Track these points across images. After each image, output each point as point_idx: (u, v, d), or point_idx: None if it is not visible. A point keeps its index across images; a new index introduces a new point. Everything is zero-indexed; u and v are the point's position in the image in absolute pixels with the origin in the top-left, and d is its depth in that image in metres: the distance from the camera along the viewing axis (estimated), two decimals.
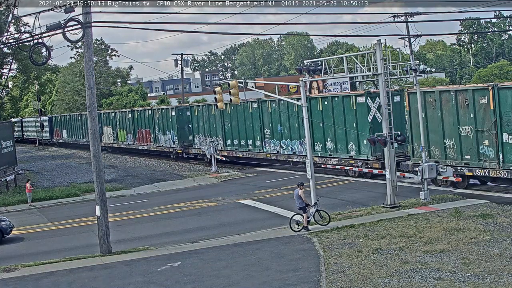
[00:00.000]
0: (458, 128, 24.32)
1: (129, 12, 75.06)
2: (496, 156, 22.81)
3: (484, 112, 23.06)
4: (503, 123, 22.46)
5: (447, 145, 24.92)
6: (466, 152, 23.96)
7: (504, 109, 22.32)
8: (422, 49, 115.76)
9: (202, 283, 14.63)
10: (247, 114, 37.08)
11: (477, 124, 23.45)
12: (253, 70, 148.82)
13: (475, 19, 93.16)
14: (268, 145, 35.79)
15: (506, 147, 22.45)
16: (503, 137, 22.56)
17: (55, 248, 20.53)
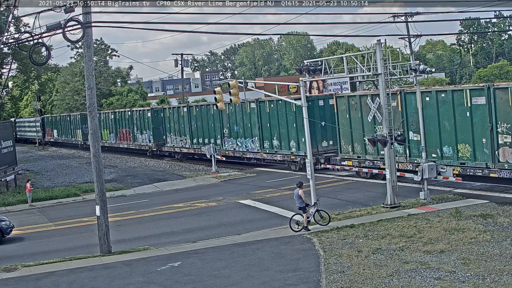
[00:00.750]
0: (374, 127, 27.55)
1: (129, 12, 74.90)
2: (404, 151, 26.38)
3: (394, 113, 25.05)
4: (409, 123, 26.07)
5: (367, 142, 27.61)
6: (381, 148, 25.48)
7: (409, 111, 25.93)
8: (422, 49, 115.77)
9: (202, 283, 14.63)
10: (209, 116, 40.62)
11: (392, 123, 24.35)
12: (253, 70, 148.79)
13: (475, 19, 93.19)
14: (227, 143, 39.13)
15: (411, 144, 26.06)
16: (409, 135, 26.14)
17: (55, 248, 20.53)
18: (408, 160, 26.32)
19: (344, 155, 29.74)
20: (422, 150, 23.58)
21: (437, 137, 25.11)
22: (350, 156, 29.51)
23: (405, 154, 26.32)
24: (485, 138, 22.97)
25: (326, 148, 32.49)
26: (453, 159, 24.59)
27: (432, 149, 25.17)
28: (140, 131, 49.25)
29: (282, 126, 33.98)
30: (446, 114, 24.47)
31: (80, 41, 18.96)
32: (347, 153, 29.63)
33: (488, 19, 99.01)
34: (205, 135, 41.16)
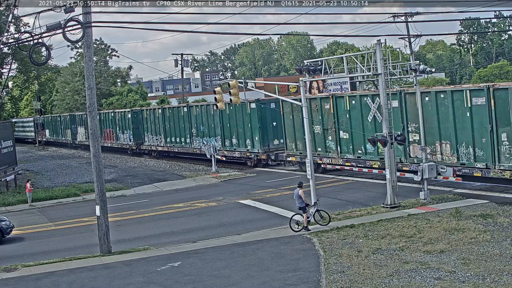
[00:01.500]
0: (312, 127, 30.85)
1: (129, 12, 74.92)
2: (336, 148, 30.23)
3: (328, 115, 30.35)
4: (340, 123, 29.62)
5: (305, 142, 28.11)
6: (318, 145, 31.16)
7: (340, 113, 29.68)
8: (422, 49, 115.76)
9: (202, 283, 14.63)
10: (180, 117, 44.12)
11: (324, 124, 30.82)
12: (253, 70, 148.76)
13: (475, 19, 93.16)
14: (194, 142, 42.69)
15: (342, 141, 30.00)
16: (340, 134, 29.91)
17: (55, 248, 20.53)
18: (339, 156, 30.14)
19: (289, 151, 33.82)
20: (422, 150, 23.58)
21: (361, 136, 28.22)
22: (294, 152, 33.38)
23: (337, 151, 30.32)
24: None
25: (277, 146, 36.08)
26: (374, 155, 28.00)
27: (357, 146, 29.03)
28: (122, 131, 52.47)
29: (240, 126, 37.51)
30: (366, 114, 27.93)
31: (80, 41, 18.95)
32: (292, 150, 33.62)
33: (488, 19, 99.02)
34: (177, 134, 44.69)
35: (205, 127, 41.24)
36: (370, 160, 28.03)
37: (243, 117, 37.02)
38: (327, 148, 30.79)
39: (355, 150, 28.99)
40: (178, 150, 45.68)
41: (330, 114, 30.15)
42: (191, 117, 42.67)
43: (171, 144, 45.81)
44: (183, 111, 43.74)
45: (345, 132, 29.44)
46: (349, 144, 29.44)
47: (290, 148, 33.54)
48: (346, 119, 29.18)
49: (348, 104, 28.97)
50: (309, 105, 30.49)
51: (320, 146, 31.12)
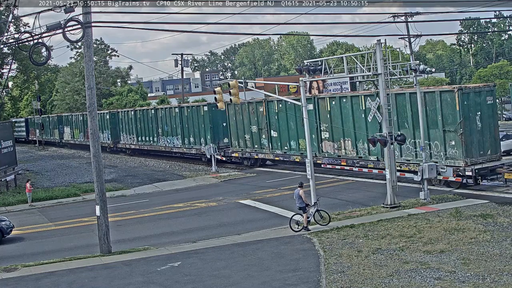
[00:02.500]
0: (250, 127, 36.58)
1: (128, 12, 74.95)
2: (268, 145, 35.34)
3: (262, 116, 35.48)
4: (271, 124, 34.80)
5: (246, 139, 37.11)
6: (255, 143, 36.38)
7: (271, 115, 34.75)
8: (422, 49, 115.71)
9: (202, 283, 14.63)
10: (149, 118, 48.67)
11: (259, 124, 35.87)
12: (253, 70, 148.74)
13: (475, 19, 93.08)
14: (160, 140, 47.07)
15: (272, 139, 35.02)
16: (271, 133, 34.95)
17: (55, 248, 20.53)
18: (271, 152, 35.45)
19: (234, 148, 38.63)
20: (422, 150, 23.58)
21: (286, 134, 33.76)
22: (237, 149, 38.37)
23: (269, 147, 35.32)
24: (314, 134, 30.81)
25: (226, 143, 40.03)
26: (296, 150, 33.32)
27: (284, 143, 34.00)
28: (102, 131, 55.89)
29: (196, 127, 41.88)
30: (291, 118, 33.14)
31: (80, 41, 18.95)
32: (235, 147, 38.51)
33: (488, 19, 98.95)
34: (146, 133, 49.24)
35: (168, 127, 45.59)
36: (293, 155, 33.61)
37: (198, 119, 41.37)
38: (262, 145, 36.08)
39: (283, 146, 34.47)
40: (147, 148, 50.20)
41: (263, 116, 35.37)
42: (158, 118, 47.15)
43: (142, 143, 50.43)
44: (151, 113, 48.32)
45: (275, 131, 34.72)
46: (278, 142, 34.76)
47: (234, 145, 38.61)
48: (275, 120, 34.50)
49: (277, 107, 34.04)
50: (248, 108, 36.47)
51: (257, 143, 36.44)
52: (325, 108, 30.36)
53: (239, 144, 38.01)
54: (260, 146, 36.06)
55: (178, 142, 44.20)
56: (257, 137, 36.27)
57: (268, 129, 35.09)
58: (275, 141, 34.83)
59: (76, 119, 63.99)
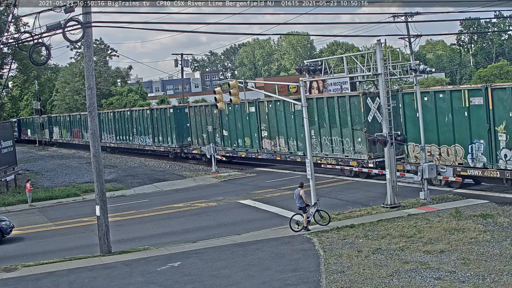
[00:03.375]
0: (207, 127, 41.29)
1: (128, 12, 75.01)
2: (221, 142, 39.59)
3: (215, 118, 40.03)
4: (223, 124, 39.31)
5: (204, 137, 41.84)
6: (210, 141, 40.31)
7: (223, 116, 39.19)
8: (422, 49, 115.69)
9: (202, 283, 14.63)
10: (125, 119, 52.64)
11: (213, 124, 40.46)
12: (253, 70, 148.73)
13: (475, 19, 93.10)
14: (135, 139, 51.30)
15: (224, 138, 39.41)
16: (223, 132, 39.34)
17: (55, 248, 20.53)
18: (223, 149, 39.39)
19: (194, 146, 43.02)
20: (422, 150, 23.59)
21: (235, 133, 38.25)
22: (196, 147, 42.52)
23: (221, 144, 39.50)
24: (256, 133, 36.19)
25: (189, 142, 44.07)
26: (242, 147, 37.78)
27: (233, 141, 38.45)
28: (86, 130, 58.36)
29: (163, 127, 46.17)
30: (239, 118, 37.69)
31: (80, 41, 18.95)
32: (195, 145, 42.84)
33: (488, 19, 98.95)
34: (123, 133, 53.08)
35: (141, 128, 50.03)
36: (240, 152, 38.30)
37: (165, 120, 45.71)
38: (216, 143, 39.70)
39: (232, 144, 38.85)
40: (124, 146, 54.24)
41: (217, 117, 39.87)
42: (133, 119, 51.41)
43: (120, 141, 54.51)
44: (127, 115, 52.52)
45: (226, 130, 39.05)
46: (228, 140, 39.16)
47: (194, 143, 43.08)
48: (226, 121, 38.92)
49: (228, 110, 38.24)
50: (205, 110, 41.46)
51: (212, 141, 40.24)
52: (264, 110, 35.47)
53: (198, 142, 42.47)
54: (214, 144, 39.65)
55: (150, 140, 48.76)
56: (212, 136, 40.73)
57: (221, 129, 39.61)
58: (226, 139, 39.36)
59: (64, 119, 69.26)
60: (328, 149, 30.88)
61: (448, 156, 24.95)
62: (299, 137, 32.57)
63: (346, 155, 29.78)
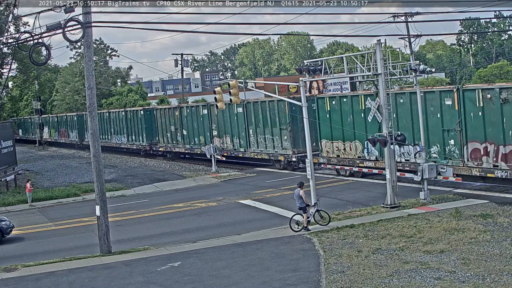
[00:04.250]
0: (170, 127, 46.26)
1: (128, 12, 75.03)
2: (182, 141, 44.85)
3: (177, 119, 44.99)
4: (183, 125, 44.32)
5: (168, 136, 46.84)
6: (173, 140, 45.96)
7: (183, 118, 44.24)
8: (422, 49, 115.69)
9: (202, 283, 14.63)
10: (104, 119, 57.46)
11: (176, 124, 45.38)
12: (253, 70, 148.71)
13: (475, 19, 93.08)
14: (113, 138, 56.71)
15: (185, 137, 44.49)
16: (183, 132, 44.49)
17: (55, 248, 20.53)
18: (183, 146, 44.76)
19: (160, 144, 48.27)
20: (422, 150, 23.58)
21: (192, 132, 43.50)
22: (162, 145, 47.97)
23: (182, 142, 44.70)
24: (208, 132, 41.64)
25: (157, 141, 48.97)
26: (198, 145, 42.72)
27: (191, 140, 43.54)
28: (71, 130, 67.34)
29: (136, 127, 51.14)
30: (195, 120, 42.86)
31: (80, 41, 18.94)
32: (161, 143, 48.17)
33: (488, 19, 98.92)
34: (104, 132, 57.53)
35: (118, 127, 55.23)
36: (196, 149, 43.29)
37: (137, 121, 50.73)
38: (178, 141, 45.27)
39: (190, 142, 43.98)
40: (104, 145, 56.62)
41: (178, 118, 44.84)
42: (110, 120, 56.47)
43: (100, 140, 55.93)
44: (105, 116, 57.58)
45: (185, 130, 44.07)
46: (187, 138, 44.10)
47: (161, 142, 48.18)
48: (185, 122, 44.03)
49: (186, 112, 43.96)
50: (169, 112, 46.25)
51: (175, 140, 45.74)
52: (214, 112, 40.67)
53: (164, 141, 47.68)
54: (176, 142, 45.43)
55: (124, 139, 53.96)
56: (174, 135, 45.79)
57: (181, 129, 44.57)
58: (186, 138, 44.33)
59: (52, 120, 75.10)
60: (262, 146, 36.34)
61: (351, 151, 29.92)
62: (240, 135, 38.15)
63: (275, 150, 35.18)
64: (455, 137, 24.42)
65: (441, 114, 24.86)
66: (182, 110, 44.55)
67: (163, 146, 47.69)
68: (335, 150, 30.69)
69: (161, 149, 48.14)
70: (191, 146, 43.64)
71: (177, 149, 46.00)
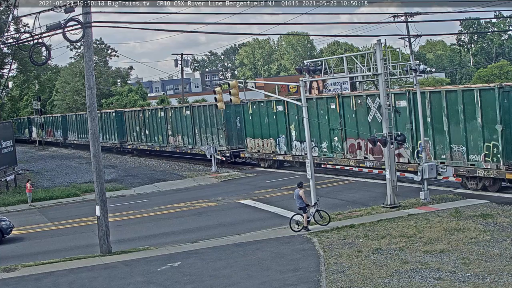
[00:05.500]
0: (136, 127, 51.51)
1: (127, 12, 74.95)
2: (145, 139, 49.86)
3: (141, 120, 50.23)
4: (146, 125, 49.54)
5: (134, 135, 51.99)
6: (138, 139, 51.08)
7: (146, 119, 49.72)
8: (422, 49, 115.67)
9: (202, 283, 14.63)
10: (84, 120, 60.59)
11: (140, 125, 50.22)
12: (253, 70, 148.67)
13: (475, 19, 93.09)
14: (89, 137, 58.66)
15: (147, 135, 49.52)
16: (146, 131, 49.49)
17: (55, 248, 20.53)
18: (146, 144, 50.17)
19: (128, 143, 53.50)
20: (422, 150, 23.59)
21: (153, 131, 48.75)
22: (130, 143, 53.02)
23: (145, 141, 50.24)
24: (165, 132, 46.81)
25: (126, 139, 54.00)
26: (157, 143, 48.24)
27: (152, 138, 48.53)
28: (56, 130, 73.45)
29: (109, 127, 56.62)
30: (155, 121, 48.16)
31: (80, 41, 18.94)
32: (129, 142, 53.30)
33: (488, 19, 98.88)
34: (82, 132, 63.51)
35: (105, 127, 58.55)
36: (156, 146, 48.70)
37: (110, 122, 56.12)
38: (142, 140, 50.59)
39: (152, 140, 49.26)
40: (82, 143, 63.95)
41: (141, 119, 50.33)
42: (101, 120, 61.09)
43: (79, 139, 65.33)
44: (85, 117, 59.06)
45: (148, 130, 49.48)
46: (149, 137, 49.58)
47: (129, 140, 53.39)
48: (148, 122, 49.26)
49: (148, 114, 49.44)
50: (134, 114, 51.50)
51: (139, 139, 50.94)
52: (169, 114, 46.24)
53: (131, 139, 53.01)
54: (141, 140, 50.70)
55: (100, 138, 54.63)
56: (139, 134, 51.06)
57: (144, 129, 49.93)
58: (148, 137, 49.60)
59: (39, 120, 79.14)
60: (205, 143, 41.28)
61: (268, 147, 36.05)
62: (189, 134, 43.69)
63: (215, 147, 39.41)
64: (338, 134, 30.36)
65: (328, 116, 30.80)
66: (145, 113, 50.14)
67: (131, 144, 53.03)
68: (256, 146, 37.31)
69: (129, 146, 53.67)
70: (152, 144, 49.34)
71: (141, 147, 51.37)
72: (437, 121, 24.87)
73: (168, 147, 46.79)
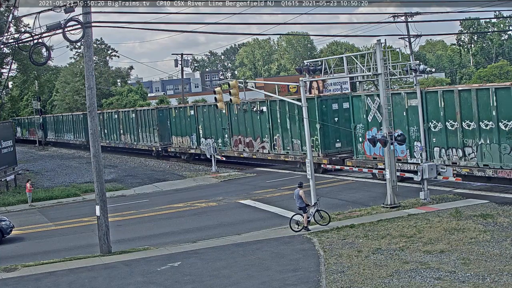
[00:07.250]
0: (120, 129, 54.39)
1: (127, 12, 74.96)
2: (122, 139, 54.25)
3: (115, 121, 54.90)
4: (104, 126, 56.10)
5: (117, 135, 55.03)
6: (118, 139, 55.11)
7: (122, 120, 53.75)
8: (422, 49, 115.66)
9: (202, 283, 14.63)
10: (59, 121, 71.22)
11: (100, 125, 51.18)
12: (253, 70, 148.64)
13: (475, 19, 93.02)
14: (65, 136, 68.54)
15: (121, 135, 54.11)
16: (105, 131, 56.21)
17: (55, 248, 20.53)
18: (122, 143, 54.48)
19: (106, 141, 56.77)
20: (422, 150, 23.60)
21: (109, 131, 55.70)
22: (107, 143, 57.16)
23: (105, 138, 55.79)
24: (118, 131, 53.86)
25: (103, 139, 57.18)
26: (113, 140, 54.59)
27: (127, 137, 52.83)
28: (38, 129, 78.00)
29: (79, 127, 63.00)
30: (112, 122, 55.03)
31: (80, 41, 18.94)
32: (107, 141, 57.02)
33: (488, 19, 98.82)
34: (59, 131, 71.00)
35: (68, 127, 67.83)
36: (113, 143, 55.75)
37: (80, 122, 62.15)
38: (119, 139, 54.77)
39: (110, 138, 55.96)
40: (59, 141, 72.03)
41: (117, 121, 54.77)
42: (64, 121, 69.19)
43: (57, 138, 72.43)
44: (60, 117, 70.98)
45: (106, 129, 56.10)
46: (107, 135, 56.16)
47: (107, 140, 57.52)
48: (123, 124, 53.33)
49: (106, 116, 56.27)
50: (118, 116, 54.78)
51: (119, 139, 55.01)
52: (121, 116, 53.51)
53: (110, 137, 57.68)
54: (119, 140, 55.13)
55: (72, 136, 67.23)
56: (118, 135, 55.12)
57: (103, 128, 56.12)
58: (106, 135, 56.34)
59: (23, 121, 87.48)
60: (145, 140, 49.55)
61: (185, 143, 44.14)
62: (134, 133, 51.11)
63: (151, 144, 48.50)
64: (228, 132, 38.84)
65: (220, 118, 39.27)
66: (104, 115, 57.20)
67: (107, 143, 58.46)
68: (178, 142, 45.27)
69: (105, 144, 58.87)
70: (109, 141, 56.46)
71: (120, 145, 56.37)
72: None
73: (119, 144, 54.57)
